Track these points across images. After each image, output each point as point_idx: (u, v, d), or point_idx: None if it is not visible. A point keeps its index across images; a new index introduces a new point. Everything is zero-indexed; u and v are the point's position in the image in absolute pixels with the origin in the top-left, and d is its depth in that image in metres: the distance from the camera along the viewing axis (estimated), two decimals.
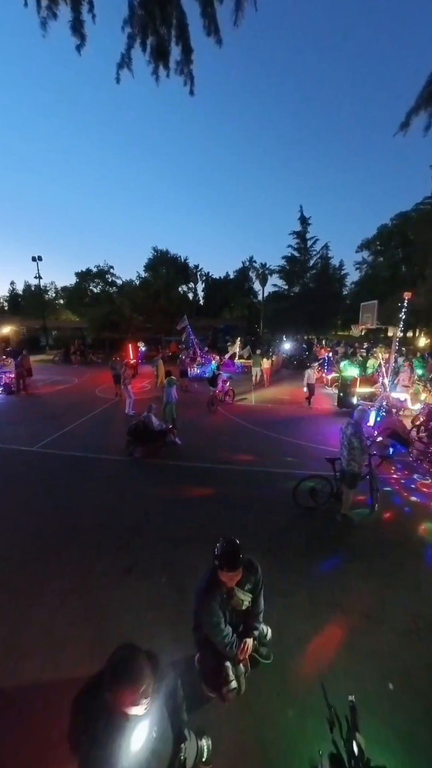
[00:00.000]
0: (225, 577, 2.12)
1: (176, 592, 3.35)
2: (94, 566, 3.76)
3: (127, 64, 3.28)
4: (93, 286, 41.53)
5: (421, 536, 4.41)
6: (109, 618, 3.08)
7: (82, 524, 4.58)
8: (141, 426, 6.91)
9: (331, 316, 37.45)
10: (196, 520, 4.69)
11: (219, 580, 2.15)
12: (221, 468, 6.44)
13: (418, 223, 25.25)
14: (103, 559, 3.88)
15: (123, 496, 5.37)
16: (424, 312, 21.30)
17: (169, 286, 33.52)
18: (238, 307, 44.62)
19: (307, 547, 4.17)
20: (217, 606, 2.14)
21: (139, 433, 6.86)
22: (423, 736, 2.22)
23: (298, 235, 37.80)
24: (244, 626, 2.34)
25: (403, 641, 2.90)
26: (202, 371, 16.60)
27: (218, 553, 2.12)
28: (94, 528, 4.49)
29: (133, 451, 6.94)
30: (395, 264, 32.65)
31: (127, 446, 7.02)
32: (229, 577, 2.12)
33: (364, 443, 4.62)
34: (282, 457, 7.02)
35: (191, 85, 3.48)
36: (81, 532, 4.40)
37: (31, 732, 2.19)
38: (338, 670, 2.62)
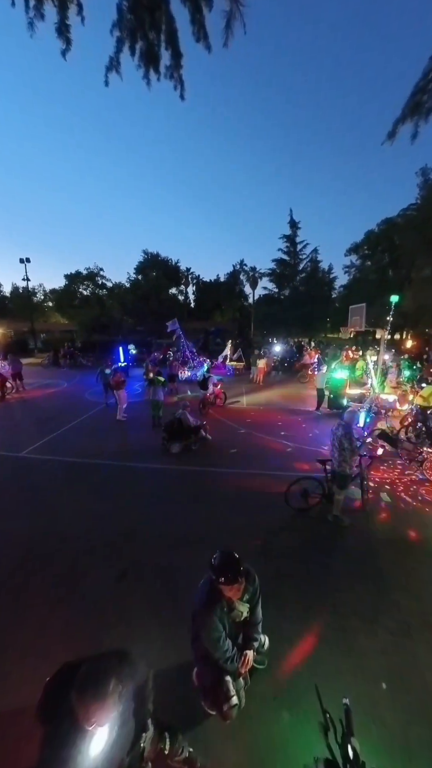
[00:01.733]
0: (229, 592, 2.05)
1: (171, 598, 3.30)
2: (85, 573, 3.69)
3: (116, 68, 3.27)
4: (82, 289, 41.10)
5: (411, 535, 4.47)
6: (101, 627, 3.01)
7: (73, 531, 4.49)
8: (176, 423, 7.36)
9: (321, 319, 37.90)
10: (188, 523, 4.66)
11: (218, 592, 2.08)
12: (212, 471, 6.42)
13: (404, 229, 25.88)
14: (94, 565, 3.81)
15: (114, 501, 5.30)
16: (410, 314, 21.80)
17: (159, 289, 33.43)
18: (229, 309, 44.77)
19: (300, 549, 4.18)
20: (218, 621, 2.06)
21: (174, 430, 7.31)
22: (417, 736, 2.24)
23: (288, 239, 38.26)
24: (243, 637, 2.28)
25: (396, 640, 2.93)
26: (193, 374, 16.57)
27: (217, 567, 2.04)
28: (85, 534, 4.41)
29: (171, 448, 7.27)
30: (382, 268, 33.31)
31: (163, 443, 7.38)
32: (233, 591, 2.06)
33: (354, 444, 4.67)
34: (273, 459, 7.05)
35: (181, 90, 3.49)
36: (71, 538, 4.31)
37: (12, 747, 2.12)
38: (332, 672, 2.63)
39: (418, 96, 3.53)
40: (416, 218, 23.03)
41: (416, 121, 3.61)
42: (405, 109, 3.63)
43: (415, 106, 3.56)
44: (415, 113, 3.60)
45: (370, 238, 35.11)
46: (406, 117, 3.67)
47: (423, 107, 3.54)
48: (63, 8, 2.91)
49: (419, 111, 3.58)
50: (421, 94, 3.52)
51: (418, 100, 3.54)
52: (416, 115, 3.60)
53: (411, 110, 3.59)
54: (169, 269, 40.21)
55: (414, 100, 3.55)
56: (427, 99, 3.50)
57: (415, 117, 3.61)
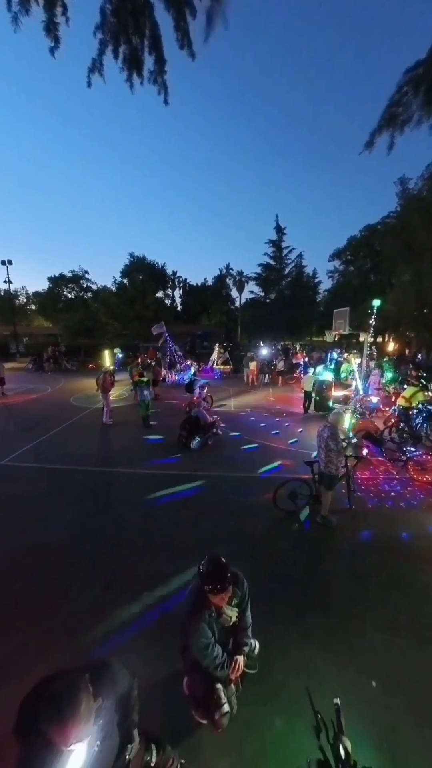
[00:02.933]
0: (216, 599, 2.02)
1: (159, 607, 3.24)
2: (70, 584, 3.57)
3: (99, 70, 3.25)
4: (67, 292, 40.37)
5: (397, 533, 4.56)
6: (87, 639, 2.92)
7: (57, 540, 4.35)
8: (193, 420, 7.81)
9: (307, 323, 38.56)
10: (176, 529, 4.60)
11: (206, 599, 2.05)
12: (200, 475, 6.38)
13: (384, 236, 26.74)
14: (79, 575, 3.70)
15: (100, 509, 5.17)
16: (392, 318, 22.47)
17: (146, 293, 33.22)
18: (217, 313, 44.95)
19: (289, 551, 4.19)
20: (206, 627, 2.03)
21: (192, 427, 7.72)
22: (407, 732, 2.27)
23: (274, 244, 38.81)
24: (233, 643, 2.25)
25: (385, 638, 2.97)
26: (180, 378, 16.49)
27: (205, 575, 2.01)
28: (70, 543, 4.28)
29: (191, 444, 7.61)
30: (365, 273, 34.30)
31: (179, 440, 7.74)
32: (220, 598, 2.03)
33: (340, 445, 4.74)
34: (261, 461, 7.07)
35: (165, 95, 3.50)
36: (55, 548, 4.18)
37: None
38: (323, 673, 2.63)
39: (393, 108, 3.67)
40: (396, 225, 23.84)
41: (392, 133, 3.74)
42: (381, 121, 3.76)
43: (391, 118, 3.70)
44: (391, 125, 3.73)
45: (353, 244, 36.14)
46: (382, 128, 3.80)
47: (398, 119, 3.68)
48: (50, 6, 2.87)
49: (394, 123, 3.72)
50: (396, 106, 3.66)
51: (393, 113, 3.68)
52: (392, 127, 3.73)
53: (387, 122, 3.73)
54: (155, 273, 40.03)
55: (389, 112, 3.69)
56: (402, 111, 3.64)
57: (390, 128, 3.75)
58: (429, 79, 3.25)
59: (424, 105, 3.48)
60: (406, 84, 3.46)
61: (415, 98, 3.52)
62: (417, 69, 3.35)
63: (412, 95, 3.52)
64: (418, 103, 3.52)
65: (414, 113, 3.59)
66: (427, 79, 3.27)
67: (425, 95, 3.39)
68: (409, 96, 3.55)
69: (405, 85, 3.49)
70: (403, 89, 3.50)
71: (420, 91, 3.37)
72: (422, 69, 3.30)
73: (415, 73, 3.37)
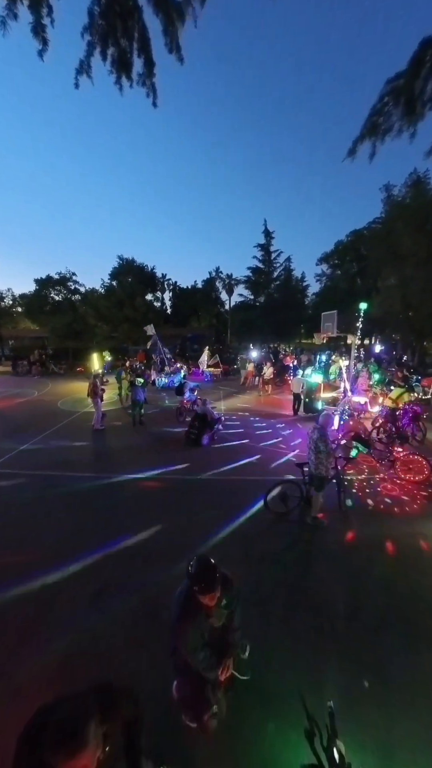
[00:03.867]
0: (205, 600, 2.00)
1: (149, 615, 3.18)
2: (57, 595, 3.48)
3: (86, 71, 3.23)
4: (54, 294, 39.69)
5: (386, 533, 4.63)
6: (76, 652, 2.83)
7: (44, 548, 4.23)
8: (201, 417, 8.27)
9: (296, 325, 39.03)
10: (167, 533, 4.55)
11: (195, 601, 2.03)
12: (191, 479, 6.34)
13: (370, 241, 27.41)
14: (67, 585, 3.60)
15: (88, 515, 5.07)
16: (378, 321, 22.99)
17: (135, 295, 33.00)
18: (206, 316, 44.98)
19: (281, 553, 4.20)
20: (196, 629, 2.01)
21: (200, 424, 8.17)
22: (400, 731, 2.28)
23: (263, 248, 39.24)
24: (223, 644, 2.24)
25: (375, 636, 3.00)
26: (170, 381, 16.41)
27: (193, 575, 2.00)
28: (57, 551, 4.17)
29: (203, 440, 8.10)
30: (352, 277, 35.03)
31: (188, 437, 8.18)
32: (209, 598, 2.01)
33: (329, 447, 4.80)
34: (252, 463, 7.09)
35: (154, 98, 3.51)
36: (42, 557, 4.06)
37: None
38: (316, 675, 2.63)
39: (375, 118, 3.77)
40: (381, 231, 24.46)
41: (373, 141, 3.84)
42: (363, 130, 3.86)
43: (372, 127, 3.80)
44: (372, 134, 3.83)
45: (340, 248, 36.90)
46: (364, 137, 3.90)
47: (379, 128, 3.77)
48: (36, 8, 2.85)
49: (376, 132, 3.81)
50: (378, 116, 3.76)
51: (375, 122, 3.78)
52: (373, 136, 3.83)
53: (369, 131, 3.82)
54: (144, 275, 39.85)
55: (371, 121, 3.78)
56: (383, 121, 3.74)
57: (372, 137, 3.84)
58: (409, 90, 3.36)
59: (404, 115, 3.59)
60: (387, 94, 3.57)
61: (396, 108, 3.63)
62: (398, 80, 3.45)
63: (392, 105, 3.63)
64: (398, 113, 3.62)
65: (395, 123, 3.70)
66: (406, 90, 3.38)
67: (405, 106, 3.50)
68: (390, 106, 3.66)
69: (386, 96, 3.59)
70: (385, 99, 3.60)
71: (400, 101, 3.47)
72: (402, 80, 3.40)
73: (395, 84, 3.47)
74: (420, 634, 3.02)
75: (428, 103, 3.34)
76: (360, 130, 3.90)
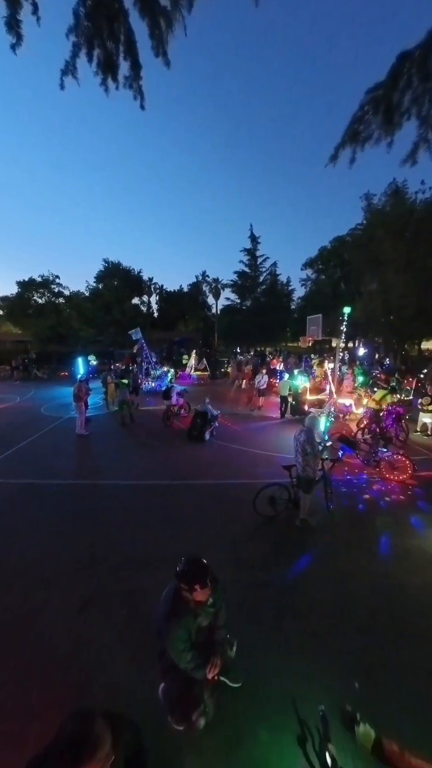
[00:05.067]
0: (200, 596, 2.01)
1: (139, 626, 3.08)
2: (43, 607, 3.34)
3: (72, 72, 3.20)
4: (37, 297, 38.77)
5: (373, 533, 4.70)
6: (62, 668, 2.71)
7: (27, 560, 4.07)
8: (202, 414, 8.89)
9: (282, 329, 39.56)
10: (155, 542, 4.45)
11: (183, 600, 2.04)
12: (178, 484, 6.27)
13: (352, 247, 28.20)
14: (53, 596, 3.47)
15: (74, 523, 4.92)
16: (361, 324, 23.59)
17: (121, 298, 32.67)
18: (194, 319, 44.96)
19: (270, 556, 4.19)
20: (183, 628, 2.02)
21: (201, 421, 8.78)
22: (390, 732, 2.28)
23: (249, 252, 39.66)
24: (210, 642, 2.23)
25: (364, 638, 3.01)
26: (158, 385, 16.26)
27: (185, 573, 2.01)
28: (41, 561, 4.02)
29: (205, 436, 8.71)
30: (335, 281, 35.86)
31: (190, 434, 8.74)
32: (201, 595, 2.02)
33: (316, 449, 4.85)
34: (240, 467, 7.08)
35: (141, 101, 3.50)
36: (25, 568, 3.90)
37: None
38: (307, 679, 2.62)
39: (356, 126, 3.88)
40: (362, 237, 25.22)
41: (354, 148, 3.95)
42: (344, 137, 3.96)
43: (353, 134, 3.90)
44: (353, 141, 3.94)
45: (323, 254, 37.75)
46: (345, 143, 4.00)
47: (360, 136, 3.89)
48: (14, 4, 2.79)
49: (356, 139, 3.92)
50: (358, 124, 3.87)
51: (355, 130, 3.89)
52: (354, 143, 3.94)
53: (350, 138, 3.93)
54: (131, 278, 39.54)
55: (352, 128, 3.89)
56: (363, 129, 3.86)
57: (353, 144, 3.95)
58: (387, 100, 3.48)
59: (382, 124, 3.71)
60: (367, 104, 3.68)
61: (375, 117, 3.75)
62: (377, 90, 3.58)
63: (372, 114, 3.75)
64: (377, 122, 3.75)
65: (374, 131, 3.82)
66: (385, 101, 3.50)
67: (384, 115, 3.62)
68: (370, 115, 3.78)
69: (366, 105, 3.71)
70: (365, 108, 3.72)
71: (380, 111, 3.59)
72: (381, 91, 3.53)
73: (375, 94, 3.59)
74: (410, 634, 3.05)
75: (405, 114, 3.46)
76: (341, 137, 4.00)
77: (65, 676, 2.64)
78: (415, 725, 2.31)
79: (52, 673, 2.65)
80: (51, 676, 2.62)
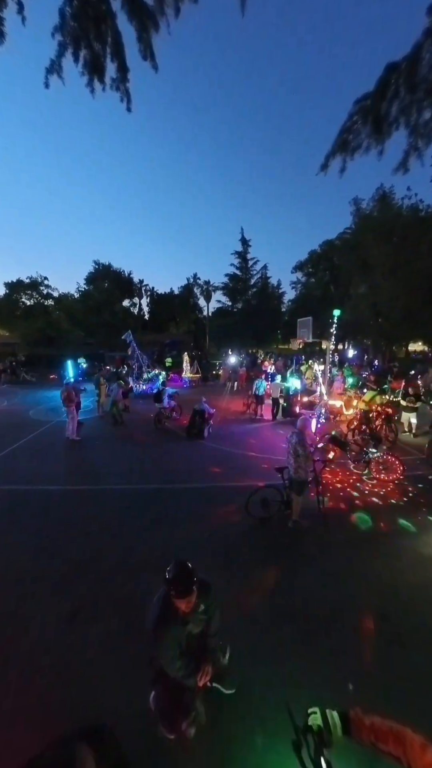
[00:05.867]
0: (181, 604, 1.98)
1: (131, 634, 3.02)
2: (31, 617, 3.24)
3: (57, 71, 3.15)
4: (26, 298, 38.13)
5: (364, 532, 4.75)
6: (51, 681, 2.63)
7: (15, 567, 3.96)
8: (200, 413, 9.42)
9: (272, 331, 39.88)
10: (148, 545, 4.40)
11: (172, 607, 2.00)
12: (170, 488, 6.21)
13: (341, 250, 28.72)
14: (41, 605, 3.38)
15: (63, 530, 4.81)
16: (350, 327, 23.98)
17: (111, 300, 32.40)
18: (185, 322, 44.90)
19: (263, 558, 4.18)
20: (173, 636, 1.99)
21: (200, 419, 9.34)
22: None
23: (240, 255, 39.90)
24: (201, 649, 2.20)
25: (358, 639, 3.03)
26: (149, 387, 16.15)
27: (170, 579, 1.98)
28: (29, 570, 3.91)
29: (205, 433, 9.31)
30: (325, 284, 36.38)
31: (189, 432, 9.29)
32: (185, 603, 1.99)
33: (308, 450, 4.87)
34: (232, 470, 7.06)
35: (128, 103, 3.48)
36: (13, 577, 3.80)
37: None
38: (301, 682, 2.60)
39: (345, 135, 3.95)
40: (351, 241, 25.68)
41: (344, 157, 4.02)
42: (334, 146, 4.03)
43: (343, 144, 3.97)
44: (343, 150, 4.01)
45: (313, 257, 38.28)
46: (335, 152, 4.06)
47: (349, 145, 3.96)
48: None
49: (346, 148, 3.99)
50: (347, 133, 3.94)
51: (345, 139, 3.96)
52: (344, 152, 4.01)
53: (339, 147, 3.99)
54: (121, 280, 39.26)
55: (341, 138, 3.96)
56: (352, 139, 3.93)
57: (343, 153, 4.02)
58: (376, 110, 3.55)
59: (371, 133, 3.78)
60: (356, 114, 3.75)
61: (364, 127, 3.82)
62: (365, 101, 3.64)
63: (361, 124, 3.82)
64: (366, 131, 3.82)
65: (363, 141, 3.89)
66: (374, 111, 3.57)
67: (373, 125, 3.69)
68: (359, 125, 3.85)
69: (355, 115, 3.78)
70: (354, 118, 3.78)
71: (368, 120, 3.66)
72: (370, 101, 3.59)
73: (363, 104, 3.66)
74: (407, 634, 3.07)
75: (394, 123, 3.53)
76: (331, 146, 4.06)
77: (53, 688, 2.56)
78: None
79: (40, 685, 2.57)
80: (39, 688, 2.55)
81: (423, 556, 4.22)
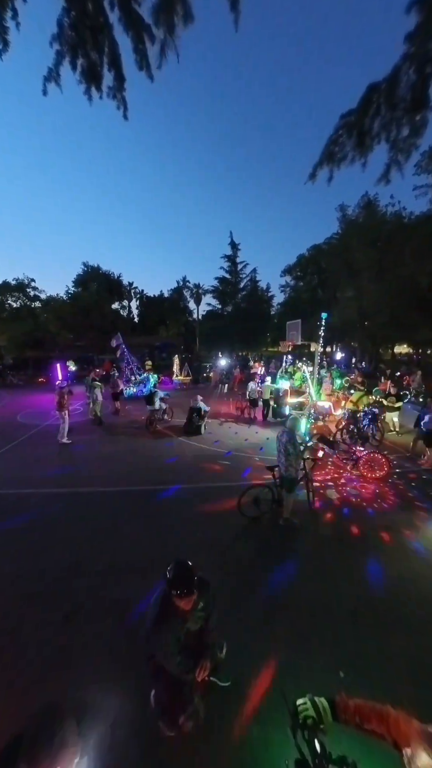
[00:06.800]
0: (182, 603, 2.02)
1: (125, 635, 3.05)
2: (24, 621, 3.24)
3: (55, 79, 3.23)
4: (12, 301, 37.39)
5: (353, 528, 4.90)
6: (46, 684, 2.65)
7: (7, 571, 3.94)
8: (197, 410, 9.87)
9: (262, 334, 40.30)
10: (141, 548, 4.43)
11: (171, 605, 2.04)
12: (162, 489, 6.25)
13: (329, 255, 29.41)
14: (34, 609, 3.37)
15: (55, 533, 4.79)
16: (338, 329, 24.53)
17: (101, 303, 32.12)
18: (175, 325, 44.89)
19: (256, 556, 4.28)
20: (172, 631, 2.02)
21: (197, 416, 9.84)
22: None
23: (229, 259, 40.24)
24: (200, 645, 2.25)
25: (347, 629, 3.15)
26: (139, 390, 16.10)
27: (171, 579, 2.01)
28: (22, 573, 3.90)
29: (203, 428, 9.87)
30: (313, 288, 37.08)
31: (188, 428, 9.81)
32: (186, 602, 2.02)
33: (298, 449, 5.01)
34: (224, 470, 7.15)
35: (124, 111, 3.57)
36: (5, 581, 3.77)
37: None
38: (295, 671, 2.70)
39: (331, 147, 4.16)
40: (338, 246, 26.32)
41: (330, 168, 4.22)
42: (321, 157, 4.23)
43: (329, 155, 4.17)
44: (329, 161, 4.21)
45: (302, 261, 38.97)
46: (323, 163, 4.26)
47: (335, 156, 4.16)
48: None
49: (332, 159, 4.20)
50: (334, 145, 4.15)
51: (331, 150, 4.16)
52: (330, 163, 4.21)
53: (326, 158, 4.19)
54: (111, 283, 38.99)
55: (328, 149, 4.16)
56: (338, 150, 4.13)
57: (329, 164, 4.22)
58: (359, 125, 3.77)
59: (356, 146, 4.00)
60: (341, 128, 3.96)
61: (349, 140, 4.03)
62: (350, 116, 3.85)
63: (346, 137, 4.03)
64: (351, 144, 4.03)
65: (348, 153, 4.10)
66: (358, 126, 3.78)
67: (357, 138, 3.90)
68: (344, 138, 4.06)
69: (340, 128, 3.99)
70: (339, 131, 3.99)
71: (353, 134, 3.87)
72: (354, 117, 3.81)
73: (348, 119, 3.87)
74: (394, 624, 3.20)
75: (376, 138, 3.75)
76: (319, 156, 4.26)
77: (49, 690, 2.58)
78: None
79: (37, 687, 2.59)
80: (37, 689, 2.56)
81: (410, 549, 4.40)
